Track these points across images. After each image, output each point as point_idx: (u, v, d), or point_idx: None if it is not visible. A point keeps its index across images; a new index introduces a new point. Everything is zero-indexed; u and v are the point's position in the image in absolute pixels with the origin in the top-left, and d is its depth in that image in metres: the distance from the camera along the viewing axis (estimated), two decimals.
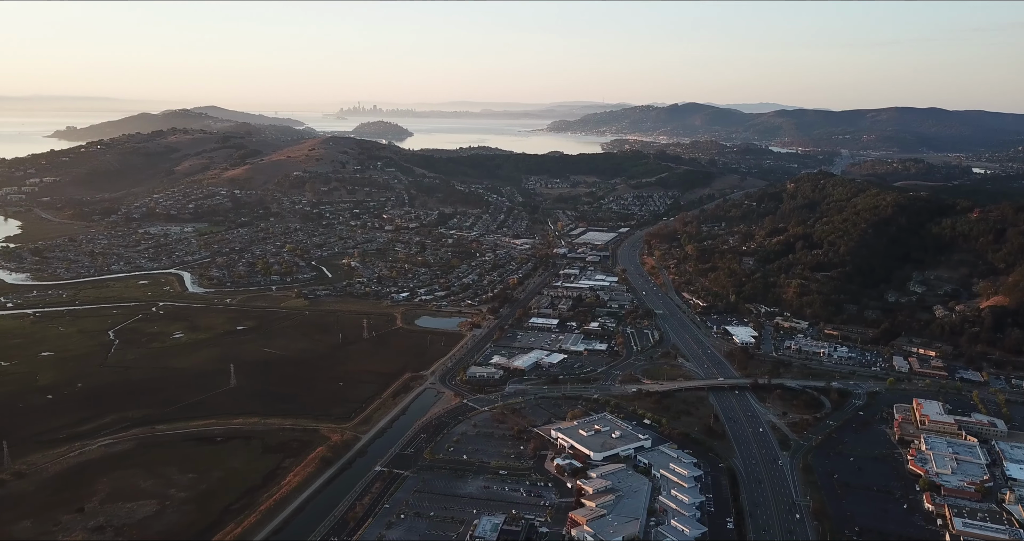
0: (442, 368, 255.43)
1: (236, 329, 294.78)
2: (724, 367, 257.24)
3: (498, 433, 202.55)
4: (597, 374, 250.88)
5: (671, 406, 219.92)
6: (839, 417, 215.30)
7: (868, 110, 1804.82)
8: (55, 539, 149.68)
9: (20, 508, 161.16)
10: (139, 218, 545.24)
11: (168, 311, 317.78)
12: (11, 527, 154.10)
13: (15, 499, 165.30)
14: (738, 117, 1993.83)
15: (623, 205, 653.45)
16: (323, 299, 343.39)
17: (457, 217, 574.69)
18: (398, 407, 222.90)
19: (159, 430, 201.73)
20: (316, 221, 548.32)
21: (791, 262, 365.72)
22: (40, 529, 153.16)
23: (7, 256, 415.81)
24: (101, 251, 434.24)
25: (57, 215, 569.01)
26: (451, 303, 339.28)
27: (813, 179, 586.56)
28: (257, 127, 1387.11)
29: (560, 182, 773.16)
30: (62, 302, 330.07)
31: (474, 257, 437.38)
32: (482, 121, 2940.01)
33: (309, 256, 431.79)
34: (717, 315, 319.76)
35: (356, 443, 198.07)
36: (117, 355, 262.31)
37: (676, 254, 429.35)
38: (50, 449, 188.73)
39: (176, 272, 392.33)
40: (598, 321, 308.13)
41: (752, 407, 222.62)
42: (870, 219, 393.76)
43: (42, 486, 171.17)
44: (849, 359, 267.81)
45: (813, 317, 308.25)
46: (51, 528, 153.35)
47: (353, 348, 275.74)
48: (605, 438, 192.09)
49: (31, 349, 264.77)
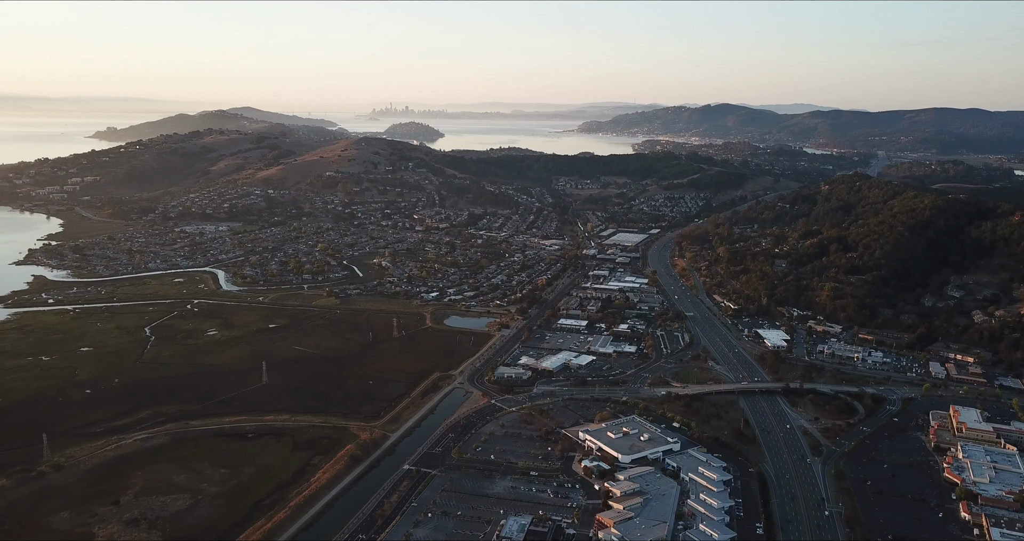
0: (470, 368, 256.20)
1: (268, 327, 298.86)
2: (755, 371, 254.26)
3: (526, 434, 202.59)
4: (626, 376, 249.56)
5: (701, 410, 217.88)
6: (873, 423, 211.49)
7: (906, 111, 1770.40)
8: (91, 531, 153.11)
9: (59, 500, 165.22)
10: (176, 217, 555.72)
11: (202, 308, 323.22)
12: (50, 518, 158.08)
13: (54, 491, 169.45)
14: (772, 118, 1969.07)
15: (654, 206, 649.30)
16: (354, 298, 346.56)
17: (487, 218, 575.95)
18: (426, 406, 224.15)
19: (192, 425, 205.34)
20: (348, 221, 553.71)
21: (825, 265, 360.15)
22: (77, 521, 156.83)
23: (49, 253, 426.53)
24: (139, 249, 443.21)
25: (97, 214, 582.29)
26: (480, 303, 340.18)
27: (848, 181, 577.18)
28: (291, 128, 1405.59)
29: (590, 183, 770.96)
30: (101, 299, 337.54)
31: (503, 258, 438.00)
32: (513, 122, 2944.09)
33: (341, 255, 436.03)
34: (748, 318, 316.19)
35: (385, 441, 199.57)
36: (153, 351, 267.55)
37: (707, 256, 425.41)
38: (88, 442, 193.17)
39: (211, 270, 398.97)
40: (627, 323, 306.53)
41: (783, 412, 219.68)
42: (907, 222, 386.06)
43: (80, 478, 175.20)
44: (884, 364, 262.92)
45: (847, 321, 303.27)
46: (88, 520, 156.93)
47: (383, 347, 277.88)
48: (633, 441, 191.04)
49: (71, 344, 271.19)
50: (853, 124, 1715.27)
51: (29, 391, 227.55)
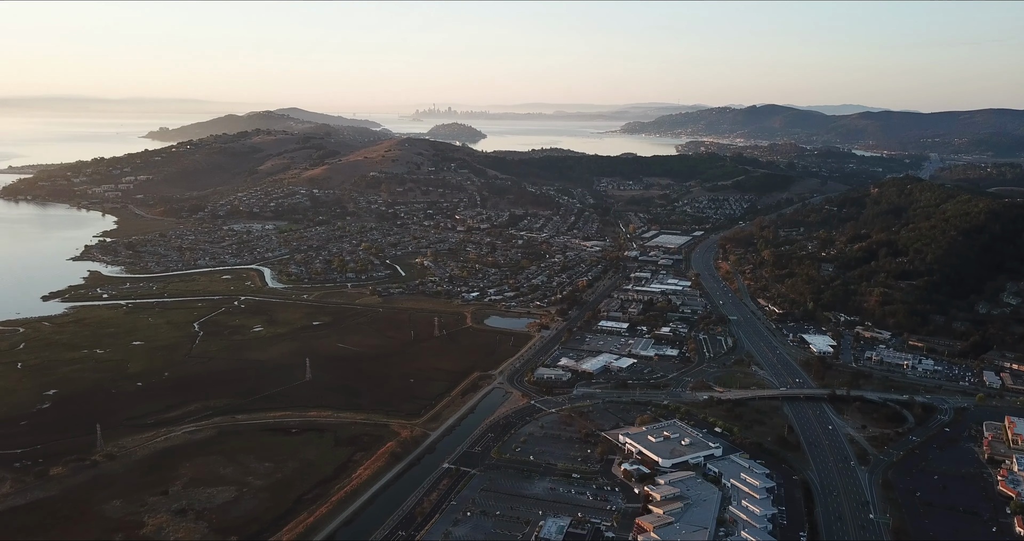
0: (510, 368, 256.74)
1: (312, 324, 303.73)
2: (800, 377, 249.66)
3: (565, 435, 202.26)
4: (667, 380, 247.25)
5: (743, 415, 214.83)
6: (923, 433, 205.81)
7: (961, 112, 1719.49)
8: (141, 519, 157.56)
9: (111, 488, 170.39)
10: (224, 215, 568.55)
11: (249, 305, 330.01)
12: (103, 506, 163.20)
13: (107, 480, 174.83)
14: (819, 119, 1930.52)
15: (697, 208, 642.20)
16: (396, 297, 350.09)
17: (528, 218, 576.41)
18: (466, 405, 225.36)
19: (239, 419, 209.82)
20: (391, 221, 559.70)
21: (873, 269, 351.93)
22: (128, 509, 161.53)
23: (104, 250, 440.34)
24: (188, 246, 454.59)
25: (149, 211, 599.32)
26: (520, 304, 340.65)
27: (899, 184, 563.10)
28: (336, 128, 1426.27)
29: (632, 184, 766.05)
30: (152, 294, 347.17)
31: (544, 258, 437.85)
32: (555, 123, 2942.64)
33: (384, 255, 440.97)
34: (793, 323, 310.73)
35: (425, 439, 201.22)
36: (201, 346, 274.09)
37: (752, 259, 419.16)
38: (139, 433, 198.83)
39: (257, 268, 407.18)
40: (670, 326, 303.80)
41: (829, 419, 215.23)
42: (961, 226, 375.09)
43: (131, 468, 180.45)
44: (935, 372, 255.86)
45: (896, 327, 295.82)
46: (138, 509, 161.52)
47: (424, 345, 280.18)
48: (674, 445, 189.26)
49: (123, 338, 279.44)
50: (904, 125, 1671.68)
51: (85, 383, 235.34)
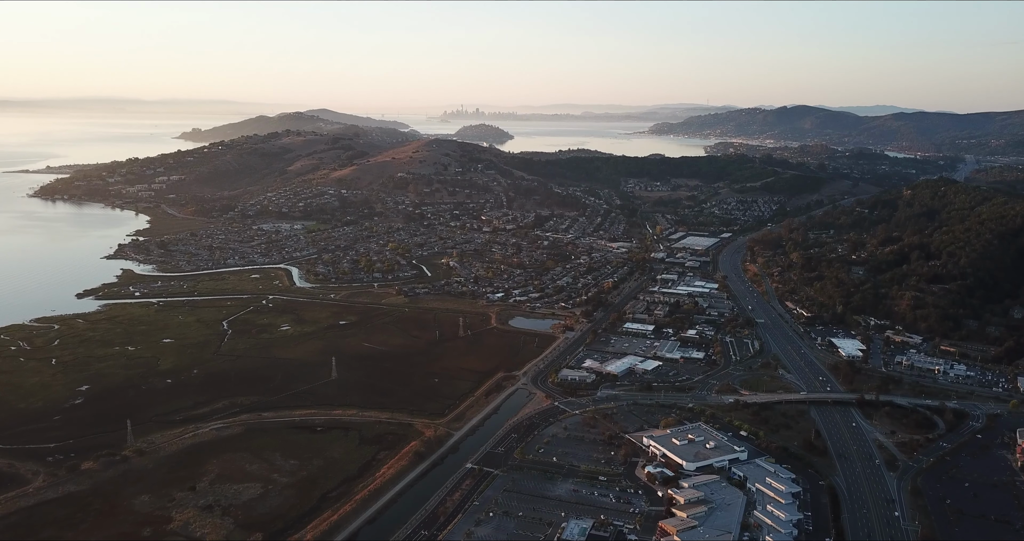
0: (534, 369, 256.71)
1: (339, 323, 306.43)
2: (828, 381, 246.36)
3: (589, 437, 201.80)
4: (693, 383, 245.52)
5: (769, 419, 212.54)
6: (954, 439, 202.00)
7: (998, 113, 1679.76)
8: (169, 514, 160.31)
9: (141, 483, 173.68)
10: (253, 215, 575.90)
11: (277, 304, 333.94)
12: (133, 500, 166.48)
13: (137, 474, 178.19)
14: (851, 120, 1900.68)
15: (726, 210, 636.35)
16: (422, 297, 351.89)
17: (553, 219, 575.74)
18: (490, 406, 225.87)
19: (265, 417, 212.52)
20: (418, 221, 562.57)
21: (905, 273, 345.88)
22: (157, 504, 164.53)
23: (137, 249, 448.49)
24: (219, 245, 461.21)
25: (181, 211, 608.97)
26: (545, 305, 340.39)
27: (932, 186, 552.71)
28: (364, 129, 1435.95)
29: (660, 185, 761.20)
30: (183, 292, 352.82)
31: (569, 259, 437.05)
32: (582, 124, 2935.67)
33: (410, 255, 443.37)
34: (822, 326, 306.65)
35: (448, 439, 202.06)
36: (230, 344, 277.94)
37: (780, 261, 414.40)
38: (168, 430, 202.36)
39: (285, 267, 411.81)
40: (696, 328, 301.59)
41: (857, 424, 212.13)
42: (996, 229, 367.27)
43: (160, 464, 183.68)
44: (967, 378, 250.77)
45: (928, 332, 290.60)
46: (166, 504, 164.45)
47: (449, 345, 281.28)
48: (699, 448, 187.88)
49: (155, 335, 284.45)
50: (939, 126, 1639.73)
51: (117, 379, 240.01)
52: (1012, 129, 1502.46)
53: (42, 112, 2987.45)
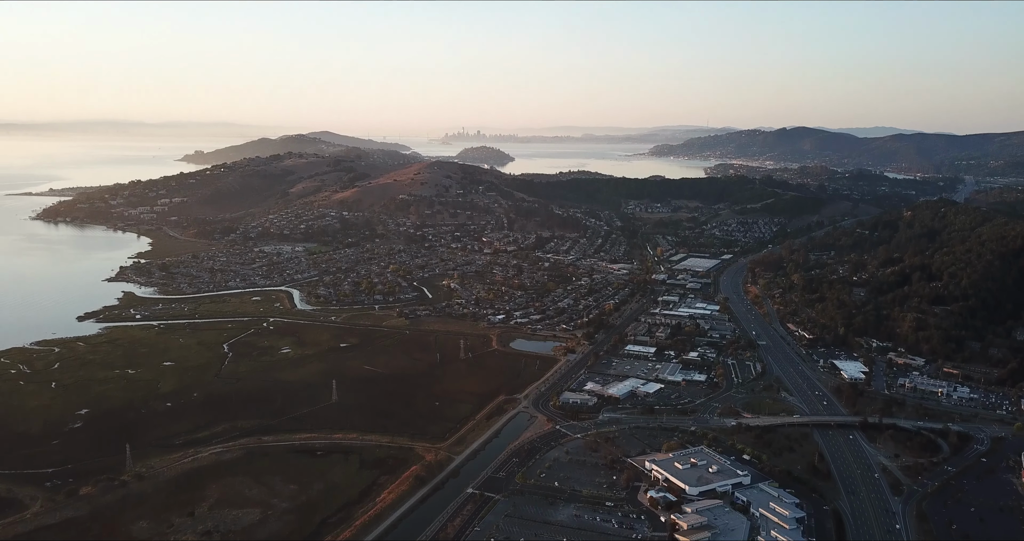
0: (535, 392, 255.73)
1: (340, 346, 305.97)
2: (831, 403, 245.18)
3: (591, 461, 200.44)
4: (695, 406, 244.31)
5: (772, 442, 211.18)
6: (959, 463, 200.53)
7: (996, 134, 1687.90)
8: (167, 540, 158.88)
9: (140, 509, 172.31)
10: (255, 237, 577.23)
11: (278, 326, 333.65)
12: (131, 526, 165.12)
13: (135, 500, 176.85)
14: (851, 141, 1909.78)
15: (726, 231, 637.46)
16: (423, 319, 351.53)
17: (554, 241, 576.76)
18: (491, 429, 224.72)
19: (265, 440, 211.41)
20: (419, 243, 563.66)
21: (907, 294, 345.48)
22: (155, 530, 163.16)
23: (138, 271, 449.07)
24: (220, 268, 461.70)
25: (183, 233, 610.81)
26: (546, 327, 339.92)
27: (933, 207, 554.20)
28: (366, 151, 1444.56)
29: (660, 207, 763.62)
30: (184, 315, 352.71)
31: (570, 281, 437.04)
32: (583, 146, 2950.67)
33: (411, 277, 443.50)
34: (824, 348, 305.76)
35: (449, 463, 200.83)
36: (230, 367, 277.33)
37: (781, 283, 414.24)
38: (168, 454, 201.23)
39: (286, 289, 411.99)
40: (698, 350, 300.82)
41: (861, 447, 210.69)
42: (997, 250, 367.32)
43: (159, 489, 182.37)
44: (971, 400, 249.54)
45: (930, 353, 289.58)
46: (165, 529, 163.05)
47: (450, 368, 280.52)
48: (702, 472, 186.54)
49: (155, 358, 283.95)
50: (938, 148, 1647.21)
51: (117, 402, 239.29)
52: (1011, 150, 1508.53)
53: (46, 135, 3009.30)
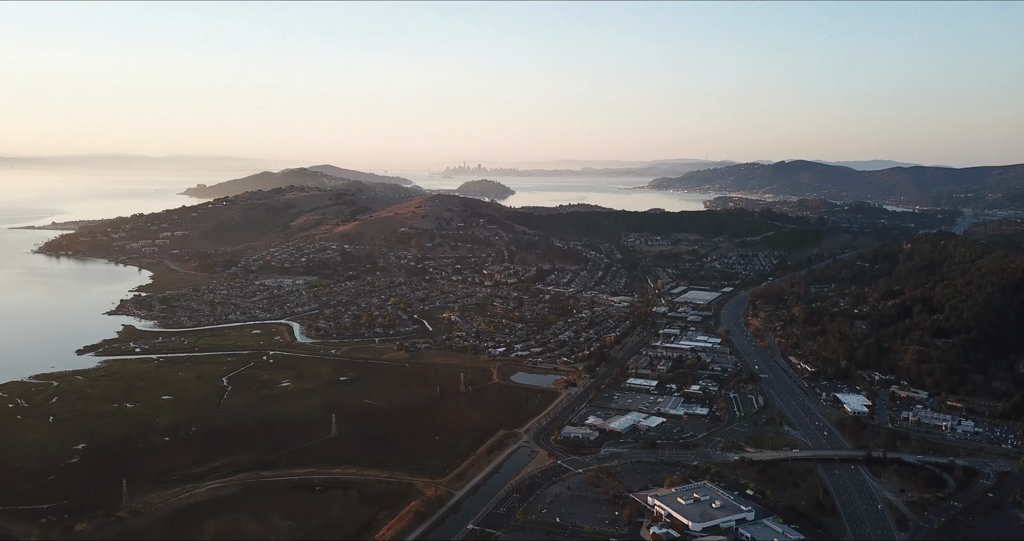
0: (536, 426, 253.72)
1: (340, 379, 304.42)
2: (834, 437, 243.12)
3: (592, 496, 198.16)
4: (697, 440, 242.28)
5: (776, 477, 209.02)
6: (965, 498, 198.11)
7: (994, 167, 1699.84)
8: None
9: None
10: (256, 270, 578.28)
11: (277, 360, 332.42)
12: None
13: (131, 536, 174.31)
14: (849, 175, 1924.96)
15: (727, 264, 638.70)
16: (423, 352, 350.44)
17: (555, 273, 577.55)
18: (492, 464, 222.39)
19: (264, 475, 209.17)
20: (420, 275, 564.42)
21: (908, 326, 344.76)
22: None
23: (139, 304, 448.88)
24: (220, 301, 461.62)
25: (184, 266, 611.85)
26: (547, 360, 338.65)
27: (932, 239, 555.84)
28: (368, 185, 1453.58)
29: (660, 239, 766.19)
30: (183, 348, 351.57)
31: (571, 314, 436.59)
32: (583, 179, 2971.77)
33: (412, 309, 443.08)
34: (826, 381, 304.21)
35: (449, 499, 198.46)
36: (229, 401, 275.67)
37: (782, 316, 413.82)
38: (165, 489, 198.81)
39: (287, 322, 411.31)
40: (699, 384, 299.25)
41: (865, 482, 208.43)
42: (997, 282, 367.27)
43: (155, 525, 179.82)
44: (975, 434, 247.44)
45: (934, 387, 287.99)
46: None
47: (450, 402, 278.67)
48: (705, 507, 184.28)
49: (154, 392, 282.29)
50: (936, 181, 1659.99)
51: (114, 436, 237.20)
52: (1009, 183, 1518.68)
53: (50, 169, 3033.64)
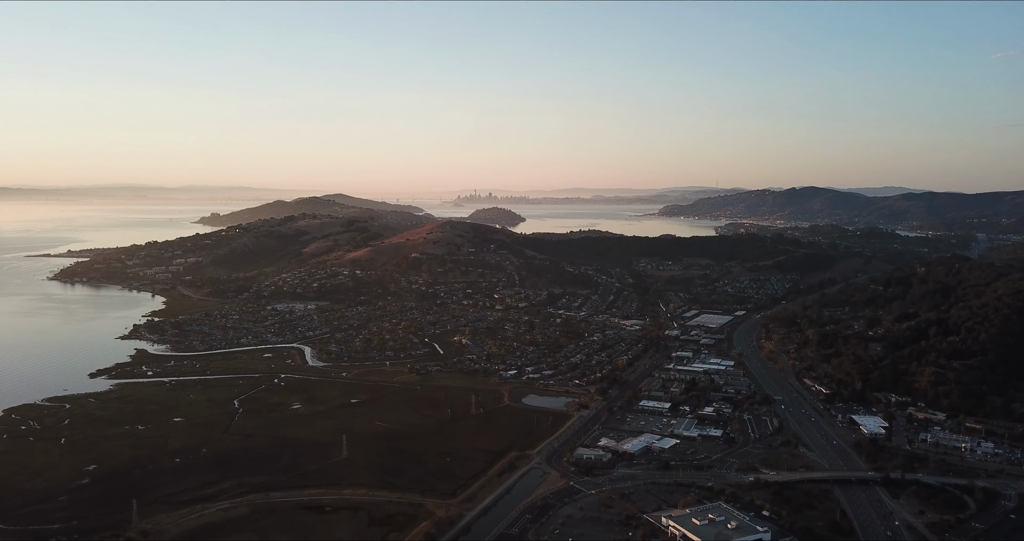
0: (548, 448, 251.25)
1: (350, 402, 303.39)
2: (850, 459, 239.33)
3: (605, 518, 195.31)
4: (711, 461, 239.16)
5: (792, 498, 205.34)
6: (986, 520, 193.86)
7: (1007, 192, 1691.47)
8: None
9: None
10: (268, 296, 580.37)
11: (288, 383, 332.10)
12: None
13: None
14: (861, 201, 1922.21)
15: (739, 288, 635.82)
16: (434, 375, 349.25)
17: (566, 297, 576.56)
18: (503, 485, 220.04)
19: (273, 497, 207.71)
20: (431, 300, 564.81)
21: (924, 349, 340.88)
22: None
23: (152, 329, 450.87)
24: (232, 325, 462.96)
25: (197, 292, 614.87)
26: (558, 382, 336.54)
27: (946, 263, 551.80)
28: (380, 213, 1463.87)
29: (672, 264, 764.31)
30: (195, 371, 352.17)
31: (582, 337, 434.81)
32: (593, 206, 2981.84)
33: (423, 333, 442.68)
34: (842, 403, 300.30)
35: (460, 520, 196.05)
36: (240, 423, 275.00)
37: (796, 338, 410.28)
38: (174, 511, 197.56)
39: (298, 346, 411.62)
40: (713, 406, 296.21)
41: (884, 504, 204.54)
42: (1014, 304, 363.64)
43: None
44: (995, 456, 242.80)
45: (951, 408, 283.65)
46: None
47: (461, 424, 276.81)
48: (720, 529, 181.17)
49: (165, 414, 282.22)
50: (948, 207, 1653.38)
51: (125, 458, 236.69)
52: (1022, 208, 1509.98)
53: (66, 199, 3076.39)
